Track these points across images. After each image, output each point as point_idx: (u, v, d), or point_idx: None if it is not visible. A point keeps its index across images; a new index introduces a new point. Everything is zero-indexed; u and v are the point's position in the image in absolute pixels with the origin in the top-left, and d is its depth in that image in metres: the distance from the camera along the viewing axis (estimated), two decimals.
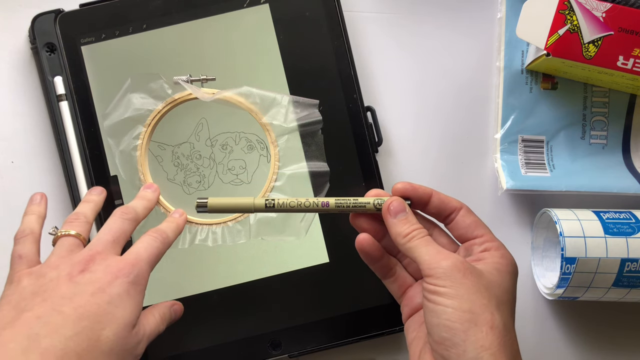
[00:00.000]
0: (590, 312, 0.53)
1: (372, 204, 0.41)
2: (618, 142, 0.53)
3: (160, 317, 0.41)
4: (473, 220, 0.41)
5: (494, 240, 0.41)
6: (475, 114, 0.54)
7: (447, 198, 0.42)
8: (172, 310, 0.43)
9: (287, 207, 0.40)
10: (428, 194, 0.41)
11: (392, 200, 0.41)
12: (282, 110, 0.50)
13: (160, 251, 0.41)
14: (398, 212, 0.40)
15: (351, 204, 0.41)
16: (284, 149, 0.50)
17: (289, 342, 0.49)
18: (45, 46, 0.50)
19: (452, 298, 0.36)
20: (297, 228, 0.49)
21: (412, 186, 0.41)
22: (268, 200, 0.40)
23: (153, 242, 0.41)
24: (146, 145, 0.50)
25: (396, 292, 0.44)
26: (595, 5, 0.47)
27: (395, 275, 0.44)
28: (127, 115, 0.50)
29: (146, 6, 0.50)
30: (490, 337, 0.35)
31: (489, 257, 0.39)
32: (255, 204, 0.40)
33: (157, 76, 0.50)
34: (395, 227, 0.40)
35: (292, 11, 0.51)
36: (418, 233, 0.39)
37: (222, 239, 0.49)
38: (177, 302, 0.45)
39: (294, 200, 0.40)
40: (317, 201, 0.40)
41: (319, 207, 0.40)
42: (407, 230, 0.39)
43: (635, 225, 0.47)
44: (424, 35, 0.54)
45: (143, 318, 0.39)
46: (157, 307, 0.42)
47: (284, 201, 0.40)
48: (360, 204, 0.41)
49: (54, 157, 0.52)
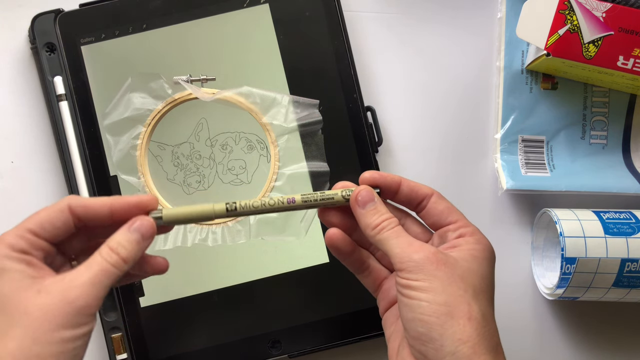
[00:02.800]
0: (591, 312, 0.53)
1: (340, 196, 0.39)
2: (618, 142, 0.53)
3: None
4: (445, 206, 0.39)
5: (468, 225, 0.39)
6: (475, 114, 0.54)
7: (417, 185, 0.40)
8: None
9: (251, 209, 0.38)
10: (397, 182, 0.39)
11: (359, 190, 0.39)
12: (282, 110, 0.50)
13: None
14: (366, 202, 0.38)
15: (319, 198, 0.39)
16: (284, 149, 0.50)
17: (289, 342, 0.49)
18: (45, 46, 0.50)
19: (426, 291, 0.35)
20: (297, 228, 0.49)
21: (379, 175, 0.39)
22: (229, 204, 0.38)
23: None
24: (146, 145, 0.50)
25: (371, 286, 0.42)
26: (596, 5, 0.47)
27: (369, 269, 0.42)
28: (126, 115, 0.50)
29: (146, 6, 0.50)
30: (468, 330, 0.34)
31: (463, 244, 0.37)
32: (215, 210, 0.37)
33: (157, 76, 0.50)
34: (364, 218, 0.38)
35: (292, 11, 0.51)
36: (388, 224, 0.37)
37: (222, 239, 0.49)
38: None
39: (258, 201, 0.38)
40: (283, 199, 0.38)
41: (284, 204, 0.38)
42: (376, 221, 0.38)
43: (635, 225, 0.47)
44: (424, 35, 0.54)
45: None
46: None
47: (246, 203, 0.38)
48: (328, 197, 0.39)
49: (53, 157, 0.52)
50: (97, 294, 0.33)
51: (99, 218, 0.35)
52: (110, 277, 0.34)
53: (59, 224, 0.34)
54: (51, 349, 0.32)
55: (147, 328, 0.49)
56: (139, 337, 0.49)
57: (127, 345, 0.49)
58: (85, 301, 0.33)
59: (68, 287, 0.33)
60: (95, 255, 0.34)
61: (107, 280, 0.34)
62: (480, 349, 0.34)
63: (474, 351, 0.34)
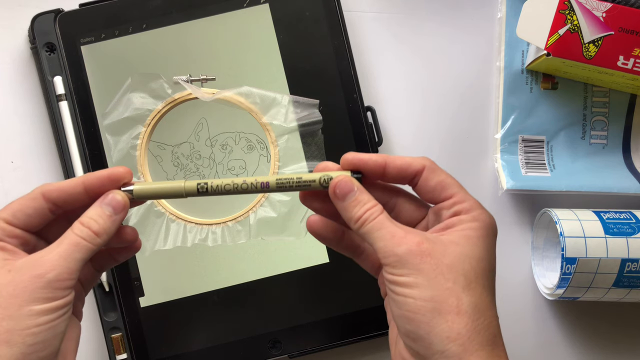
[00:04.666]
0: (591, 312, 0.53)
1: (317, 182, 0.36)
2: (618, 142, 0.53)
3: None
4: (438, 180, 0.36)
5: (465, 199, 0.35)
6: (475, 114, 0.54)
7: (404, 163, 0.36)
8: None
9: (223, 190, 0.37)
10: (380, 165, 0.36)
11: (336, 180, 0.35)
12: (282, 110, 0.50)
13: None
14: (346, 194, 0.35)
15: (294, 183, 0.36)
16: (284, 149, 0.50)
17: (289, 342, 0.49)
18: (45, 46, 0.50)
19: (411, 287, 0.32)
20: (297, 228, 0.49)
21: (360, 159, 0.36)
22: (200, 184, 0.37)
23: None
24: (146, 145, 0.50)
25: (370, 269, 0.40)
26: (596, 5, 0.47)
27: (365, 252, 0.39)
28: (126, 114, 0.50)
29: (146, 6, 0.50)
30: (457, 326, 0.32)
31: (457, 223, 0.35)
32: (185, 188, 0.37)
33: (157, 76, 0.50)
34: (346, 211, 0.35)
35: (292, 11, 0.51)
36: (370, 214, 0.34)
37: (222, 239, 0.49)
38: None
39: (230, 183, 0.37)
40: (256, 182, 0.36)
41: (257, 188, 0.36)
42: (358, 213, 0.35)
43: (635, 225, 0.47)
44: (424, 35, 0.54)
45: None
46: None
47: (218, 184, 0.37)
48: (305, 182, 0.36)
49: (53, 157, 0.52)
50: (69, 266, 0.33)
51: (74, 198, 0.35)
52: (83, 250, 0.34)
53: (30, 212, 0.35)
54: (23, 323, 0.31)
55: (147, 328, 0.49)
56: (139, 337, 0.49)
57: (127, 345, 0.49)
58: (55, 274, 0.32)
59: (38, 262, 0.33)
60: (67, 232, 0.34)
61: (79, 254, 0.33)
62: (471, 345, 0.32)
63: (464, 349, 0.32)
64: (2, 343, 0.31)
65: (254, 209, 0.49)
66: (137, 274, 0.49)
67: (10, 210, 0.35)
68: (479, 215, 0.35)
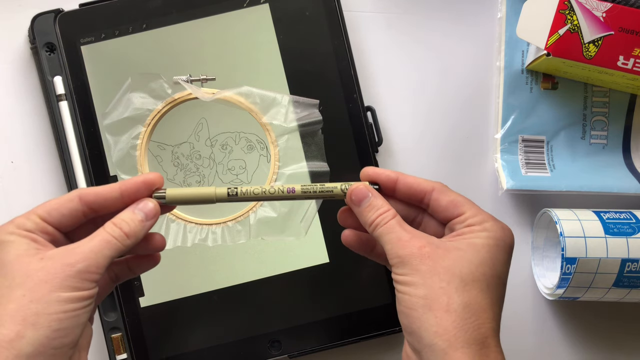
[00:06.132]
0: (591, 312, 0.53)
1: (339, 189, 0.39)
2: (618, 142, 0.53)
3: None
4: (448, 200, 0.38)
5: (477, 214, 0.37)
6: (475, 114, 0.54)
7: (415, 182, 0.39)
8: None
9: (252, 196, 0.39)
10: (392, 180, 0.39)
11: (352, 188, 0.38)
12: (282, 110, 0.50)
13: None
14: (361, 200, 0.38)
15: (318, 190, 0.39)
16: (284, 149, 0.50)
17: (289, 342, 0.49)
18: (45, 46, 0.50)
19: (409, 285, 0.35)
20: (297, 228, 0.49)
21: (374, 172, 0.39)
22: (230, 189, 0.39)
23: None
24: (146, 145, 0.50)
25: None
26: (596, 5, 0.47)
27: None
28: (126, 114, 0.50)
29: (146, 6, 0.50)
30: (444, 323, 0.34)
31: (467, 232, 0.37)
32: (217, 194, 0.39)
33: (157, 76, 0.50)
34: (362, 216, 0.38)
35: (292, 11, 0.51)
36: (382, 219, 0.37)
37: (222, 239, 0.49)
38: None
39: (258, 188, 0.39)
40: (283, 188, 0.39)
41: (284, 194, 0.39)
42: (372, 217, 0.37)
43: (635, 225, 0.47)
44: (424, 35, 0.54)
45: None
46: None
47: (247, 189, 0.39)
48: (328, 190, 0.39)
49: (53, 157, 0.52)
50: (98, 261, 0.34)
51: (110, 202, 0.37)
52: (112, 248, 0.35)
53: (65, 212, 0.36)
54: (49, 308, 0.33)
55: (147, 328, 0.49)
56: (139, 337, 0.49)
57: (127, 345, 0.49)
58: (85, 265, 0.34)
59: (70, 252, 0.34)
60: (99, 230, 0.36)
61: (109, 250, 0.35)
62: (457, 342, 0.33)
63: (449, 344, 0.33)
64: (29, 325, 0.32)
65: (254, 209, 0.49)
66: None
67: (46, 207, 0.36)
68: (491, 226, 0.37)
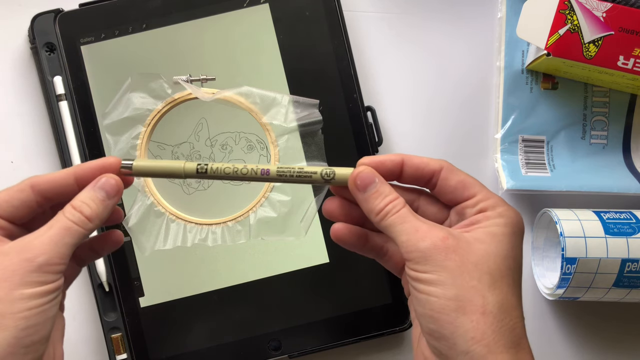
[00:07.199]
0: (591, 312, 0.53)
1: (319, 174, 0.36)
2: (618, 142, 0.53)
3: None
4: (458, 180, 0.35)
5: (489, 197, 0.34)
6: (475, 114, 0.54)
7: (422, 162, 0.35)
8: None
9: (222, 174, 0.36)
10: (398, 164, 0.35)
11: (358, 171, 0.34)
12: (282, 110, 0.50)
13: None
14: (367, 185, 0.34)
15: (295, 174, 0.36)
16: (284, 149, 0.50)
17: (289, 342, 0.49)
18: (45, 46, 0.50)
19: (435, 285, 0.31)
20: (297, 228, 0.49)
21: (378, 161, 0.35)
22: (200, 166, 0.36)
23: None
24: (146, 145, 0.50)
25: (394, 269, 0.39)
26: (596, 5, 0.47)
27: (388, 253, 0.38)
28: (126, 114, 0.50)
29: (146, 6, 0.50)
30: (482, 327, 0.31)
31: (482, 220, 0.33)
32: (185, 168, 0.36)
33: (157, 76, 0.50)
34: (366, 203, 0.34)
35: (292, 11, 0.51)
36: (393, 207, 0.33)
37: (222, 239, 0.49)
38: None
39: (230, 167, 0.36)
40: (257, 169, 0.36)
41: (257, 175, 0.36)
42: (379, 205, 0.34)
43: (635, 225, 0.47)
44: (424, 35, 0.54)
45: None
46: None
47: (217, 167, 0.36)
48: (306, 174, 0.36)
49: (53, 157, 0.52)
50: (60, 251, 0.32)
51: (65, 189, 0.34)
52: (74, 235, 0.33)
53: (17, 203, 0.34)
54: (14, 307, 0.31)
55: (147, 328, 0.49)
56: (139, 337, 0.49)
57: (127, 345, 0.49)
58: (46, 258, 0.32)
59: (27, 246, 0.32)
60: (58, 215, 0.34)
61: (70, 238, 0.33)
62: (496, 347, 0.31)
63: (489, 350, 0.31)
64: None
65: (253, 209, 0.49)
66: (137, 274, 0.49)
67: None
68: (505, 211, 0.34)
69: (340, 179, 0.36)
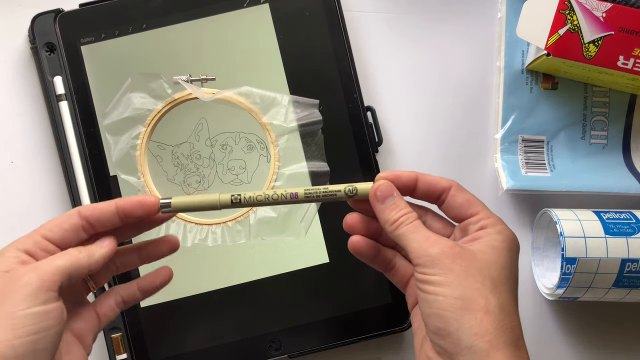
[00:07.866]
0: (591, 312, 0.53)
1: (343, 192, 0.39)
2: (618, 142, 0.53)
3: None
4: (465, 198, 0.39)
5: (490, 216, 0.38)
6: (475, 114, 0.54)
7: (434, 179, 0.39)
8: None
9: (255, 202, 0.39)
10: (413, 180, 0.39)
11: (379, 184, 0.38)
12: (282, 110, 0.50)
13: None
14: (386, 197, 0.38)
15: (321, 194, 0.39)
16: (284, 149, 0.50)
17: (289, 342, 0.49)
18: (45, 46, 0.50)
19: (442, 286, 0.35)
20: (297, 228, 0.49)
21: (395, 175, 0.39)
22: (234, 196, 0.39)
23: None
24: (146, 145, 0.50)
25: (399, 283, 0.42)
26: (596, 5, 0.47)
27: (395, 267, 0.42)
28: (126, 114, 0.50)
29: (146, 6, 0.50)
30: (485, 324, 0.34)
31: (484, 235, 0.37)
32: (220, 200, 0.39)
33: (157, 76, 0.50)
34: (383, 213, 0.38)
35: (292, 11, 0.51)
36: (406, 218, 0.37)
37: (222, 239, 0.49)
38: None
39: (261, 194, 0.39)
40: (286, 193, 0.39)
41: (287, 198, 0.39)
42: (395, 216, 0.37)
43: (635, 225, 0.47)
44: (424, 35, 0.54)
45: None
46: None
47: (250, 195, 0.39)
48: (331, 192, 0.39)
49: (53, 157, 0.52)
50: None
51: (106, 216, 0.38)
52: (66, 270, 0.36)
53: (66, 226, 0.37)
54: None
55: (147, 328, 0.49)
56: (139, 337, 0.49)
57: (127, 345, 0.49)
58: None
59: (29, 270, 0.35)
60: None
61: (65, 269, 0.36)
62: (498, 343, 0.33)
63: (491, 345, 0.33)
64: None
65: (253, 209, 0.49)
66: (137, 274, 0.49)
67: (47, 225, 0.37)
68: (503, 229, 0.38)
69: (362, 194, 0.39)
